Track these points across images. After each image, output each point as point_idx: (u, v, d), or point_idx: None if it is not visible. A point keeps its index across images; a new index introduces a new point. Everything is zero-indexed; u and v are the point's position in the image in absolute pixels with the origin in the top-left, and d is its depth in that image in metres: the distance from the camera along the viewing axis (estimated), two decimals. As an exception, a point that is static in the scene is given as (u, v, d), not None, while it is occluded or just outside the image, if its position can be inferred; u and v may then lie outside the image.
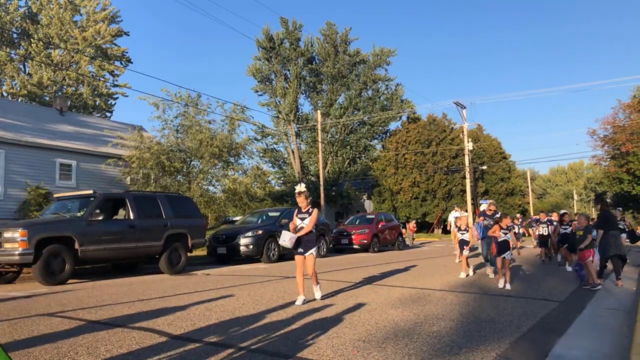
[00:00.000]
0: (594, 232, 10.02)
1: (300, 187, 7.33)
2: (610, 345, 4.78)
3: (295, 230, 7.24)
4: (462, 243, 11.49)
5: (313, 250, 7.17)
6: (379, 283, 9.49)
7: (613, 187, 43.75)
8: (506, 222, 9.23)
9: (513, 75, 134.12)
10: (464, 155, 37.88)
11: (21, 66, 35.58)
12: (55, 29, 34.50)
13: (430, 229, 45.69)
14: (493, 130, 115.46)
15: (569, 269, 11.90)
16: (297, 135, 42.95)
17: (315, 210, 7.39)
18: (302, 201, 7.32)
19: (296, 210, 7.48)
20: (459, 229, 11.82)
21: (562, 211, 13.72)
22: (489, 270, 11.17)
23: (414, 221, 32.67)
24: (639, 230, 17.19)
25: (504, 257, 9.00)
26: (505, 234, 9.11)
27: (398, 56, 62.89)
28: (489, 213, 12.00)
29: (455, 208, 18.70)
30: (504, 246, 9.10)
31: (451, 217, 17.09)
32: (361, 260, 15.95)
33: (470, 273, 11.10)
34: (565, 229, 12.70)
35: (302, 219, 7.31)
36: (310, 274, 7.33)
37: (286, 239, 7.03)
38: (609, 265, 10.31)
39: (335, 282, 9.60)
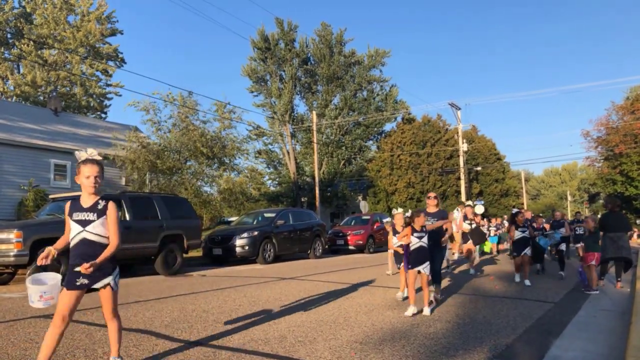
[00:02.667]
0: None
1: None
2: (605, 347, 4.82)
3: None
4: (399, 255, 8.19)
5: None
6: (375, 284, 9.50)
7: (606, 188, 44.01)
8: (420, 221, 6.75)
9: (508, 77, 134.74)
10: (458, 156, 38.00)
11: (15, 66, 35.40)
12: (49, 28, 34.36)
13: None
14: (488, 131, 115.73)
15: (518, 279, 9.77)
16: (293, 136, 42.93)
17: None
18: None
19: None
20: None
21: (515, 210, 10.68)
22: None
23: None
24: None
25: (419, 271, 6.61)
26: (421, 237, 6.67)
27: (393, 57, 63.06)
28: (433, 210, 8.04)
29: (459, 207, 17.37)
30: (419, 256, 6.63)
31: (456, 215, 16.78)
32: (357, 261, 15.97)
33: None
34: (524, 231, 10.11)
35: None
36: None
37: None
38: (612, 269, 10.23)
39: (332, 283, 9.61)
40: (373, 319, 5.94)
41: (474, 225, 12.51)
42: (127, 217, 11.57)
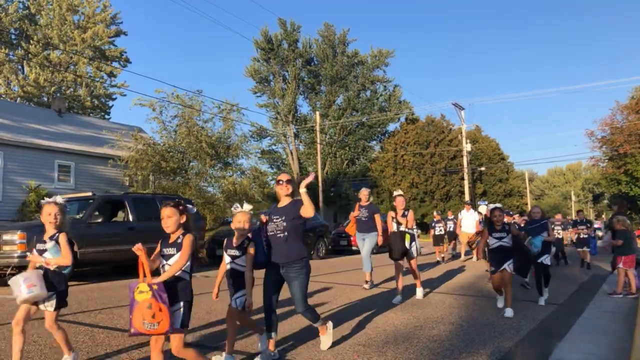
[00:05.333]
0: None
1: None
2: (609, 349, 4.79)
3: None
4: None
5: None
6: (378, 286, 9.49)
7: (611, 188, 43.84)
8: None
9: (512, 77, 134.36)
10: (462, 156, 37.92)
11: (20, 67, 35.53)
12: (55, 30, 34.47)
13: (428, 230, 45.69)
14: (491, 131, 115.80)
15: (500, 303, 7.00)
16: (296, 136, 42.97)
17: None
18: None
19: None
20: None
21: (492, 205, 7.18)
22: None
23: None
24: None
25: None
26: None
27: (396, 57, 62.90)
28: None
29: (466, 207, 16.50)
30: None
31: (461, 216, 16.64)
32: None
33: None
34: (502, 237, 8.73)
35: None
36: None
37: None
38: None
39: (335, 284, 9.60)
40: (376, 321, 5.93)
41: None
42: (131, 218, 11.60)
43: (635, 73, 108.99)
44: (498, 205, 6.79)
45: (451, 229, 17.36)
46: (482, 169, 45.84)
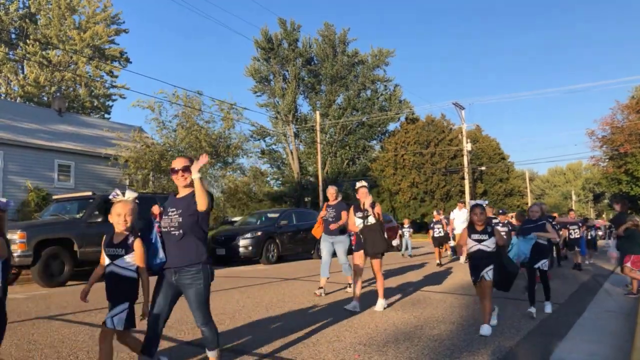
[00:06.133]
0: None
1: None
2: (610, 349, 4.79)
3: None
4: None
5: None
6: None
7: (611, 187, 43.84)
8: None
9: (512, 76, 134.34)
10: (462, 156, 37.91)
11: (20, 66, 35.52)
12: (54, 29, 34.46)
13: (427, 231, 45.67)
14: (492, 131, 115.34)
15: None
16: (296, 135, 42.96)
17: None
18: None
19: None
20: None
21: (474, 202, 6.37)
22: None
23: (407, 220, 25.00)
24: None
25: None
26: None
27: (396, 57, 62.97)
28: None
29: (459, 205, 16.25)
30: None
31: (453, 215, 16.31)
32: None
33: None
34: (482, 240, 7.73)
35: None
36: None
37: None
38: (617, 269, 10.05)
39: (335, 284, 9.58)
40: (376, 321, 5.92)
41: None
42: (131, 217, 11.59)
43: (635, 73, 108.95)
44: (480, 202, 5.66)
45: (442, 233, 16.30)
46: (483, 168, 45.82)
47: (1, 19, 33.64)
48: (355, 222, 7.00)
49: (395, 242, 9.65)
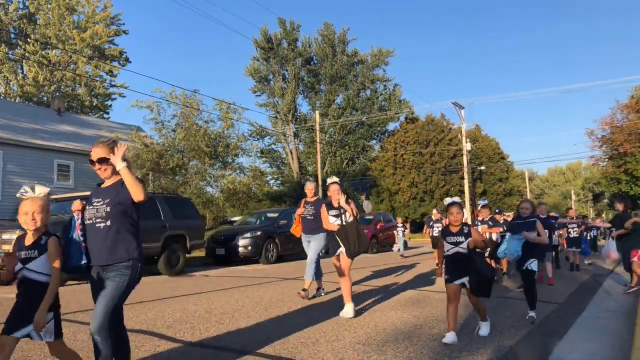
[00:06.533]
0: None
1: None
2: (610, 349, 4.78)
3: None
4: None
5: None
6: (377, 285, 9.48)
7: (611, 187, 43.88)
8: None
9: (512, 76, 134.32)
10: (462, 155, 37.91)
11: (19, 66, 35.53)
12: (54, 29, 34.47)
13: (425, 230, 45.70)
14: (491, 130, 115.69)
15: (450, 339, 4.86)
16: (296, 135, 42.98)
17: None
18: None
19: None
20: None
21: (450, 200, 5.43)
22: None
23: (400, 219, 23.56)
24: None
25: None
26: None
27: (396, 57, 62.99)
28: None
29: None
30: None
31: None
32: (360, 262, 15.90)
33: None
34: (458, 243, 7.09)
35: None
36: None
37: None
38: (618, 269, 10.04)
39: (334, 284, 9.58)
40: (376, 320, 5.92)
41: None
42: (131, 217, 11.59)
43: (635, 72, 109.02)
44: (456, 199, 5.10)
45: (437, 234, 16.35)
46: (482, 168, 45.87)
47: (1, 19, 33.65)
48: (330, 221, 6.47)
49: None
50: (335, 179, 6.71)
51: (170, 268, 12.14)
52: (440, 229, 13.96)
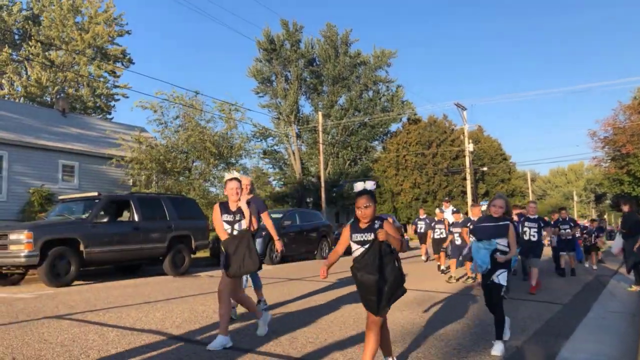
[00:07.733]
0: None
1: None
2: (615, 349, 4.82)
3: None
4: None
5: None
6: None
7: (613, 188, 43.79)
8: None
9: (514, 77, 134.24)
10: (464, 156, 37.91)
11: (23, 67, 35.62)
12: (56, 30, 34.55)
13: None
14: (493, 131, 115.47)
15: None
16: (298, 136, 43.00)
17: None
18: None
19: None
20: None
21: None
22: None
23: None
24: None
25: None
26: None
27: (399, 58, 63.05)
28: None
29: (444, 204, 14.84)
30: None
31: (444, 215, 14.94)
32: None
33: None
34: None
35: None
36: None
37: None
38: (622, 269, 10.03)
39: (340, 283, 9.63)
40: (382, 320, 5.96)
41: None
42: (136, 217, 11.66)
43: (638, 73, 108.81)
44: (368, 185, 3.96)
45: (422, 230, 15.73)
46: (485, 169, 45.86)
47: (4, 20, 33.75)
48: (223, 227, 4.86)
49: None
50: (235, 174, 4.96)
51: (175, 268, 12.20)
52: (442, 230, 13.08)
